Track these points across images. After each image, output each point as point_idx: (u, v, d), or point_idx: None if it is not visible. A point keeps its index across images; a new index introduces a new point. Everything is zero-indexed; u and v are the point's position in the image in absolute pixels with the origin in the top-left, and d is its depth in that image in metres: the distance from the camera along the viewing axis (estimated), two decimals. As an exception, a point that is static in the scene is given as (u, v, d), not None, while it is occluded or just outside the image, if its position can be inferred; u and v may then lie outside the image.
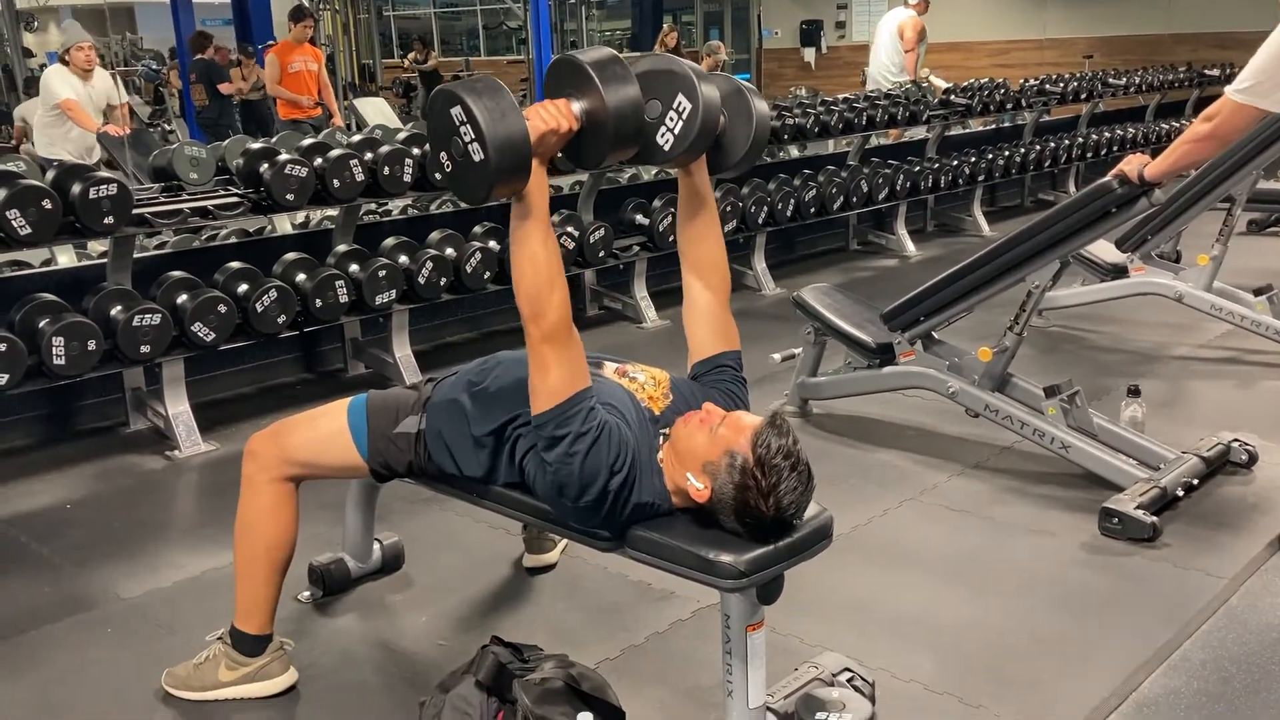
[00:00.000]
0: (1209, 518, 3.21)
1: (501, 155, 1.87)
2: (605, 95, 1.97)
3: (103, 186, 3.73)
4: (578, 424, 1.99)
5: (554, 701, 2.09)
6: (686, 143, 2.15)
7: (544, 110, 1.98)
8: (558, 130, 1.97)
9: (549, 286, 1.98)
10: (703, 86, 2.13)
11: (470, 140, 1.88)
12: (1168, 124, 9.46)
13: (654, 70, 2.17)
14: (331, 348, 4.96)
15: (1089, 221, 3.28)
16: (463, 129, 1.89)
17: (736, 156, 2.30)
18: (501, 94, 1.90)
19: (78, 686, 2.53)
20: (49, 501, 3.62)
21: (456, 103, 1.88)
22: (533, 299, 1.98)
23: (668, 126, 2.15)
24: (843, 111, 6.63)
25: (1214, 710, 2.33)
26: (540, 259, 1.98)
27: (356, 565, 2.95)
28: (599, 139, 2.01)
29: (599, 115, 1.98)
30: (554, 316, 1.98)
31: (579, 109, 2.00)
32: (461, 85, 1.92)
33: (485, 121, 1.85)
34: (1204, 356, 4.79)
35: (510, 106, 1.89)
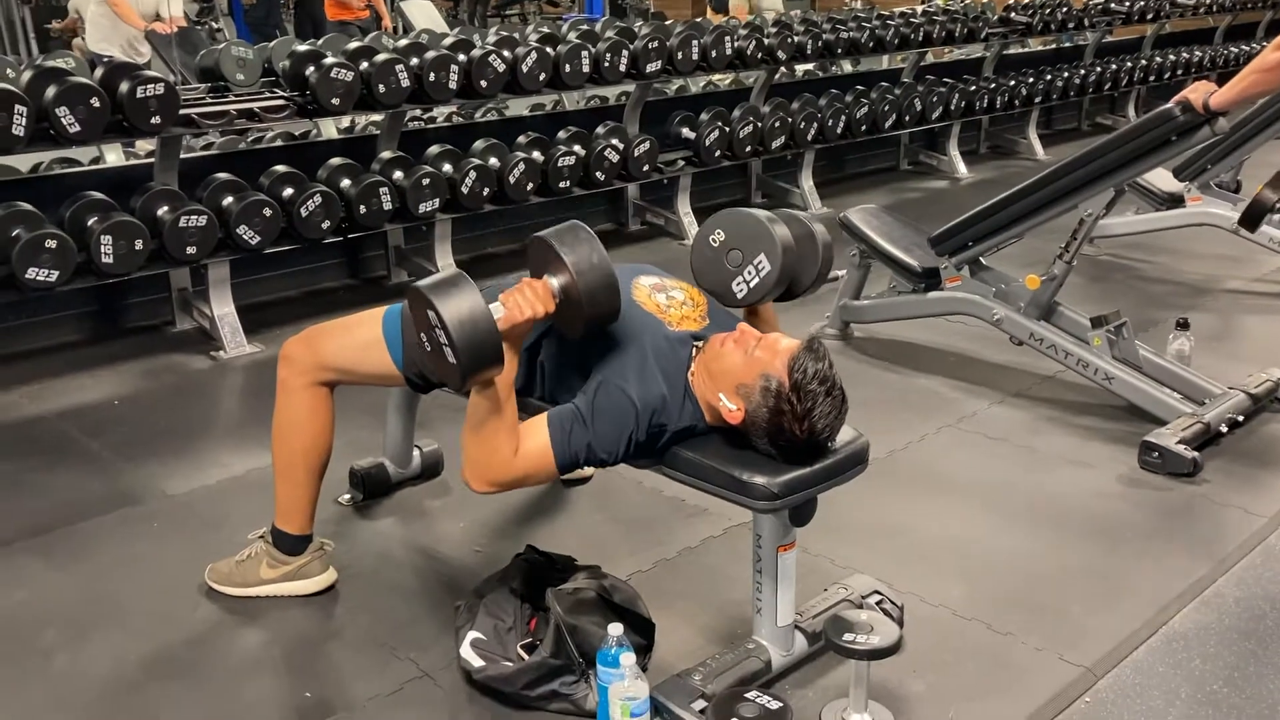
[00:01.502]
0: (1252, 455, 3.17)
1: (471, 360, 1.90)
2: (577, 278, 1.98)
3: (150, 86, 3.73)
4: (581, 454, 2.03)
5: (586, 611, 2.13)
6: (760, 296, 2.29)
7: (523, 299, 1.98)
8: (534, 318, 1.99)
9: (492, 454, 2.01)
10: (784, 247, 2.24)
11: (444, 344, 1.91)
12: (1237, 48, 9.15)
13: (739, 221, 2.30)
14: (375, 254, 4.98)
15: (1148, 149, 3.19)
16: (438, 330, 1.92)
17: (799, 291, 2.41)
18: (471, 296, 1.90)
19: (125, 579, 2.61)
20: (98, 397, 3.69)
21: (430, 306, 1.90)
22: (477, 467, 2.04)
23: (745, 279, 2.28)
24: (899, 26, 6.46)
25: (1244, 647, 2.33)
26: (488, 437, 2.00)
27: (396, 470, 2.99)
28: (575, 314, 2.03)
29: (573, 294, 2.00)
30: (495, 473, 2.03)
31: (557, 287, 2.01)
32: (433, 289, 1.92)
33: (455, 330, 1.87)
34: (1257, 290, 4.69)
35: (480, 312, 1.89)
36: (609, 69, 4.98)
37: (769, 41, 5.71)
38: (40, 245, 3.55)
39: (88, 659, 2.31)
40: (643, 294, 2.20)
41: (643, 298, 2.19)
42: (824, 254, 2.39)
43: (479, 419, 2.00)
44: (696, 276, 2.37)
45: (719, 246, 2.33)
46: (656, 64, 5.15)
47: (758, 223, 2.29)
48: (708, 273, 2.36)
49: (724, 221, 2.35)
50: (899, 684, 2.18)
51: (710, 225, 2.36)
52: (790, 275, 2.31)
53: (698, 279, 2.36)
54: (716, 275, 2.34)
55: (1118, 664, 2.28)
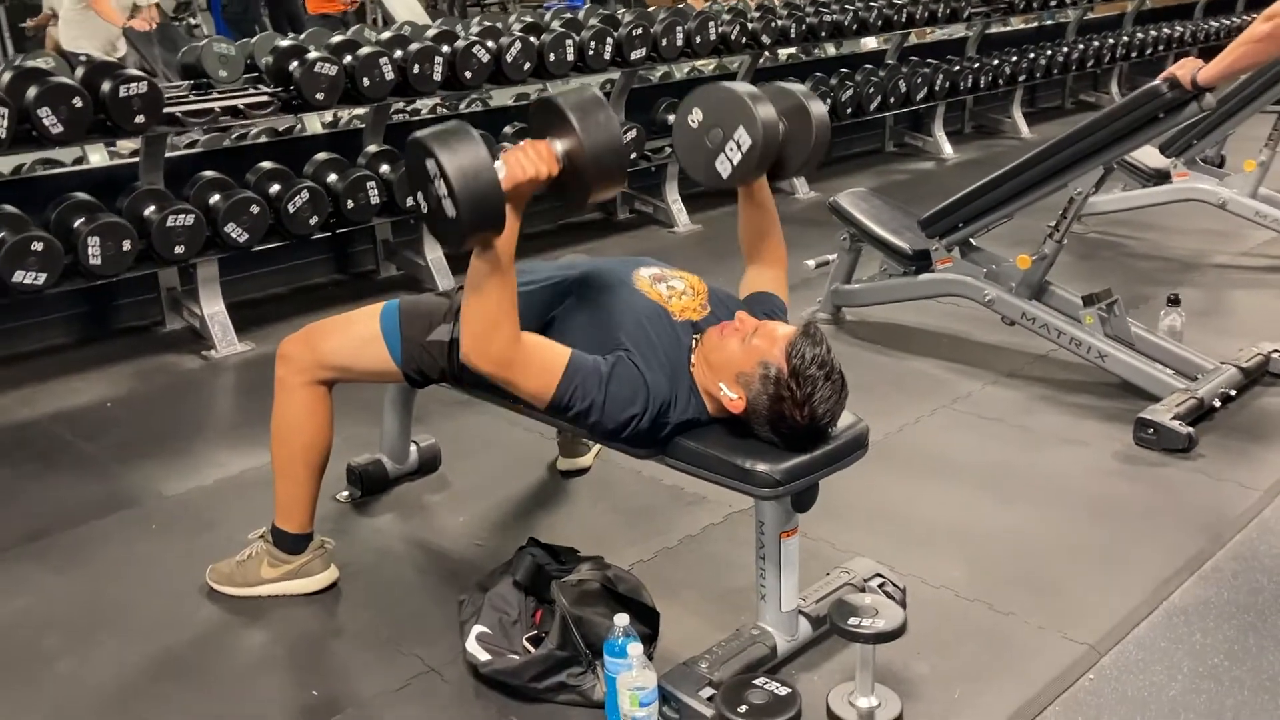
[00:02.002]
0: (1245, 429, 3.19)
1: (473, 214, 1.83)
2: (584, 140, 1.92)
3: (133, 84, 3.70)
4: (580, 401, 2.01)
5: (591, 603, 2.13)
6: (744, 173, 2.22)
7: (524, 157, 1.92)
8: (536, 179, 1.93)
9: (493, 328, 1.97)
10: (764, 120, 2.16)
11: (443, 195, 1.84)
12: (1217, 22, 9.17)
13: (718, 98, 2.22)
14: (363, 249, 4.96)
15: (1136, 127, 3.20)
16: (436, 182, 1.85)
17: (793, 169, 2.35)
18: (475, 147, 1.84)
19: (125, 581, 2.60)
20: (90, 399, 3.67)
21: (430, 156, 1.83)
22: (476, 336, 1.98)
23: (727, 156, 2.21)
24: (882, 8, 6.45)
25: (1244, 620, 2.35)
26: (491, 302, 1.96)
27: (394, 466, 2.99)
28: (580, 183, 1.97)
29: (579, 159, 1.93)
30: (496, 351, 1.98)
31: (560, 151, 1.95)
32: (435, 137, 1.86)
33: (457, 181, 1.81)
34: (1245, 265, 4.71)
35: (484, 164, 1.83)
36: (594, 57, 4.96)
37: (753, 26, 5.70)
38: (26, 248, 3.52)
39: (91, 664, 2.30)
40: (645, 284, 2.20)
41: (645, 287, 2.19)
42: (818, 130, 2.30)
43: (478, 281, 1.96)
44: (680, 161, 2.32)
45: (698, 127, 2.27)
46: (641, 51, 5.14)
47: (734, 97, 2.21)
48: (690, 155, 2.30)
49: (700, 100, 2.27)
50: (904, 666, 2.19)
51: (687, 104, 2.29)
52: (774, 150, 2.24)
53: (681, 163, 2.31)
54: (699, 157, 2.28)
55: (1120, 640, 2.29)
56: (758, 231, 2.44)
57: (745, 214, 2.44)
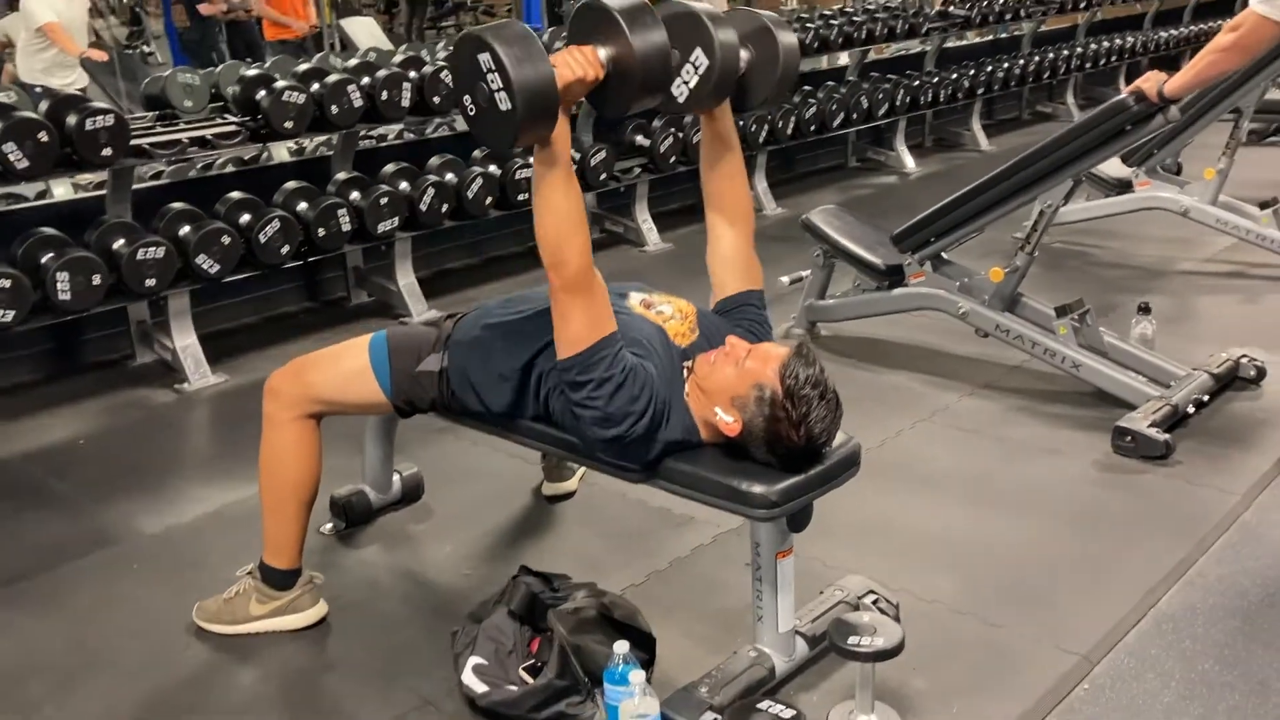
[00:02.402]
0: (1220, 434, 3.24)
1: (529, 105, 1.82)
2: (634, 43, 1.91)
3: (99, 117, 3.66)
4: (601, 370, 1.98)
5: (589, 630, 2.12)
6: (701, 97, 2.14)
7: (571, 58, 1.91)
8: (584, 79, 1.91)
9: (570, 234, 1.95)
10: (722, 40, 2.08)
11: (497, 88, 1.83)
12: (1165, 32, 9.34)
13: (673, 18, 2.11)
14: (334, 276, 4.93)
15: (1105, 139, 3.25)
16: (490, 76, 1.83)
17: (760, 98, 2.27)
18: (530, 42, 1.84)
19: (108, 623, 2.56)
20: (62, 436, 3.61)
21: (485, 49, 1.82)
22: (553, 247, 1.96)
23: (683, 79, 2.13)
24: (842, 25, 6.52)
25: (1231, 624, 2.38)
26: (561, 208, 1.95)
27: (377, 496, 2.96)
28: (625, 88, 1.96)
29: (626, 64, 1.92)
30: (575, 265, 1.96)
31: (605, 56, 1.93)
32: (490, 31, 1.85)
33: (514, 70, 1.80)
34: (1209, 271, 4.79)
35: (539, 54, 1.83)
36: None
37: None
38: (-6, 285, 3.47)
39: (77, 709, 2.26)
40: (639, 309, 2.20)
41: (641, 312, 2.19)
42: (785, 58, 2.20)
43: (547, 184, 1.93)
44: None
45: None
46: (607, 73, 5.14)
47: (692, 16, 2.12)
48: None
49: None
50: (901, 683, 2.20)
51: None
52: (734, 74, 2.16)
53: None
54: None
55: (1111, 649, 2.32)
56: (719, 169, 2.34)
57: (706, 148, 2.35)
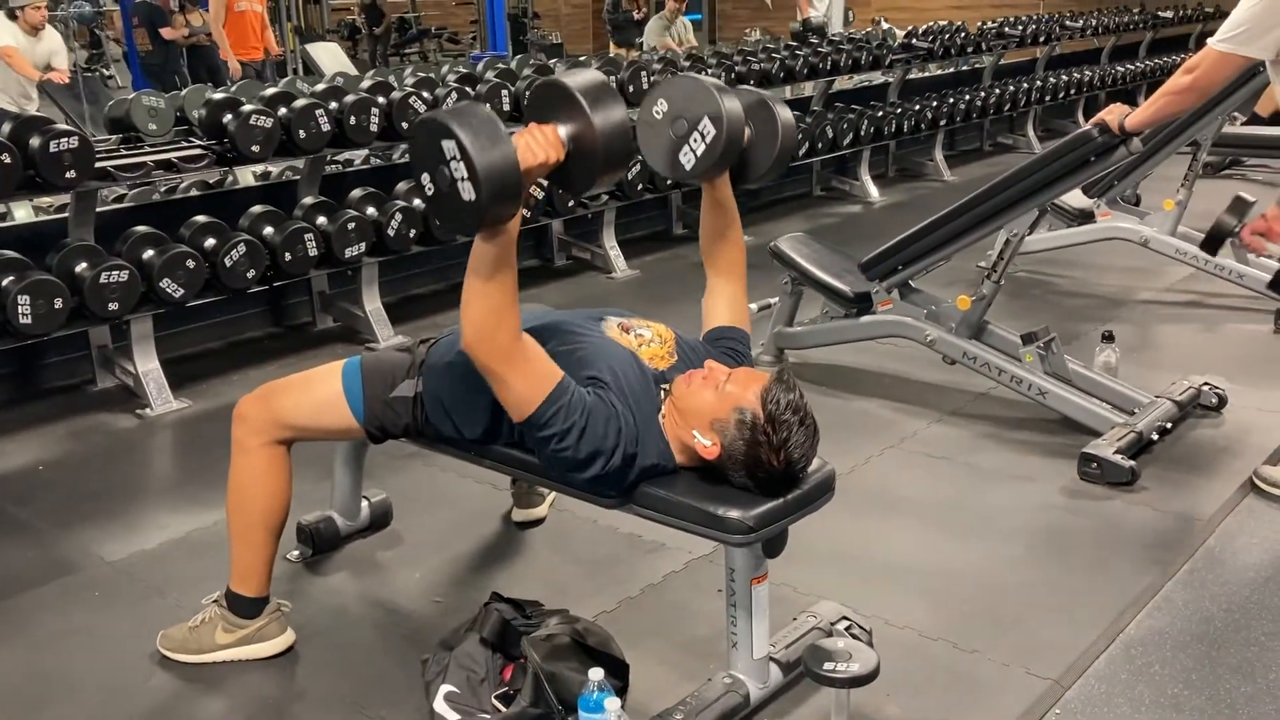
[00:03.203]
0: (1183, 461, 3.28)
1: (494, 196, 1.78)
2: (595, 122, 1.87)
3: (64, 140, 3.63)
4: (560, 422, 1.97)
5: (563, 657, 2.11)
6: (707, 165, 2.18)
7: (533, 141, 1.88)
8: (546, 163, 1.89)
9: (499, 317, 1.93)
10: (729, 111, 2.13)
11: (461, 177, 1.78)
12: (1122, 67, 9.54)
13: (683, 88, 2.17)
14: (299, 301, 4.89)
15: (1069, 170, 3.30)
16: (453, 164, 1.79)
17: (760, 171, 2.32)
18: (495, 128, 1.79)
19: (70, 652, 2.50)
20: (20, 463, 3.55)
21: (449, 135, 1.77)
22: (479, 326, 1.94)
23: (691, 147, 2.16)
24: (807, 56, 6.59)
25: (1199, 650, 2.40)
26: (493, 294, 1.92)
27: (345, 523, 2.93)
28: (588, 167, 1.93)
29: (588, 143, 1.89)
30: (501, 339, 1.94)
31: (566, 135, 1.90)
32: (455, 115, 1.80)
33: (479, 160, 1.75)
34: (1168, 300, 4.88)
35: (504, 142, 1.78)
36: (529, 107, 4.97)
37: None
38: (-47, 309, 3.41)
39: (38, 740, 2.21)
40: (615, 333, 2.20)
41: (615, 335, 2.19)
42: (784, 133, 2.27)
43: (488, 267, 1.89)
44: (643, 154, 2.27)
45: (663, 118, 2.22)
46: (575, 100, 5.15)
47: (700, 86, 2.17)
48: (654, 148, 2.25)
49: (667, 90, 2.23)
50: (875, 709, 2.20)
51: (653, 96, 2.25)
52: (739, 143, 2.20)
53: (644, 157, 2.28)
54: (662, 149, 2.23)
55: (1082, 674, 2.33)
56: (718, 234, 2.40)
57: (707, 215, 2.40)
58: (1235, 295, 4.70)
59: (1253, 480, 3.11)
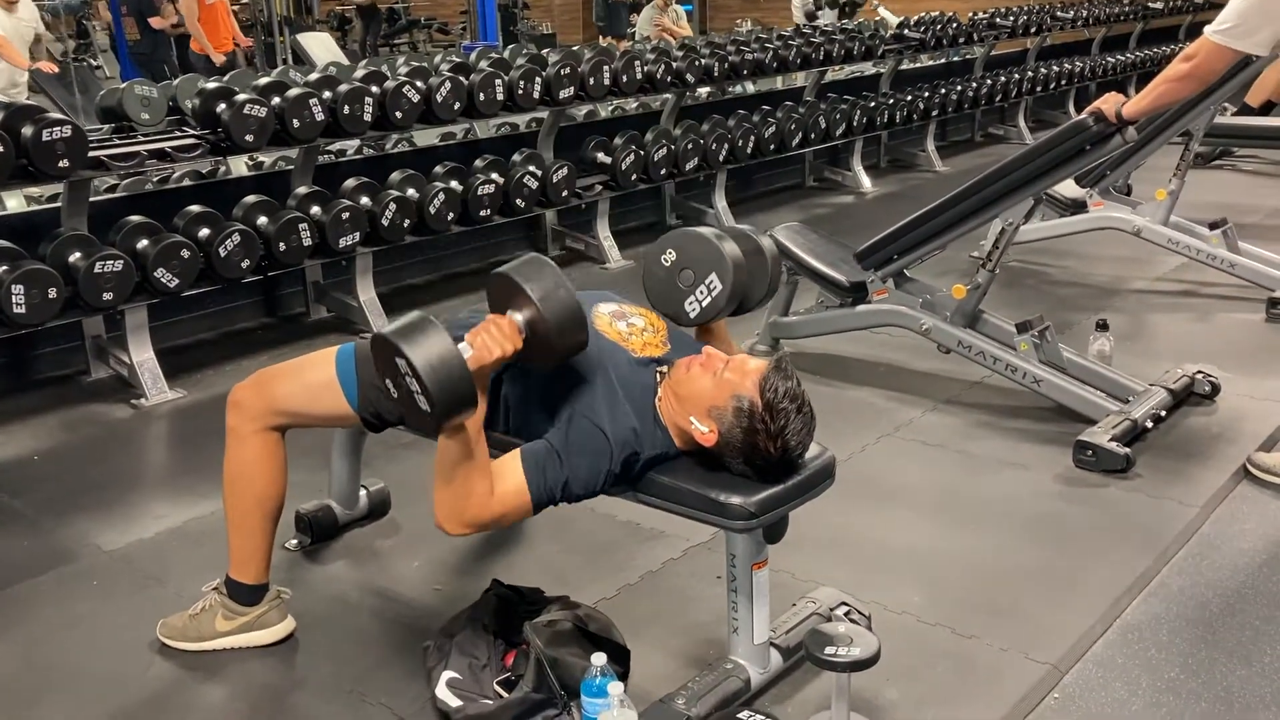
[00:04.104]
0: (1177, 448, 3.30)
1: (446, 406, 1.87)
2: (541, 309, 1.97)
3: (56, 129, 3.61)
4: (556, 490, 2.02)
5: (565, 643, 2.11)
6: (712, 314, 2.32)
7: (489, 338, 1.96)
8: (504, 355, 1.97)
9: (466, 501, 1.98)
10: (733, 267, 2.27)
11: (415, 390, 1.88)
12: (1113, 58, 9.55)
13: (693, 243, 2.32)
14: (292, 291, 4.88)
15: (1065, 158, 3.31)
16: (407, 378, 1.88)
17: (749, 308, 2.45)
18: (440, 339, 1.88)
19: (69, 641, 2.50)
20: (15, 453, 3.54)
21: (399, 354, 1.87)
22: (449, 511, 2.00)
23: (697, 299, 2.32)
24: (800, 46, 6.59)
25: (1195, 634, 2.42)
26: (461, 487, 1.97)
27: (343, 512, 2.93)
28: (545, 347, 2.01)
29: (541, 326, 1.98)
30: (471, 515, 2.00)
31: (522, 321, 2.00)
32: (402, 334, 1.88)
33: (428, 377, 1.84)
34: (1161, 290, 4.89)
35: (451, 355, 1.87)
36: (523, 96, 4.97)
37: (677, 65, 5.77)
38: (-54, 298, 3.40)
39: (39, 729, 2.21)
40: (604, 322, 2.20)
41: (604, 326, 2.19)
42: (773, 269, 2.45)
43: (451, 463, 1.97)
44: (649, 298, 2.39)
45: (670, 266, 2.37)
46: (569, 90, 5.16)
47: (708, 242, 2.33)
48: (661, 293, 2.39)
49: (675, 241, 2.38)
50: (875, 694, 2.21)
51: (661, 245, 2.39)
52: (741, 292, 2.35)
53: (651, 300, 2.38)
54: (669, 295, 2.38)
55: (1080, 659, 2.35)
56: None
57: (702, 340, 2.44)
58: (1227, 284, 4.72)
59: (1246, 467, 3.13)
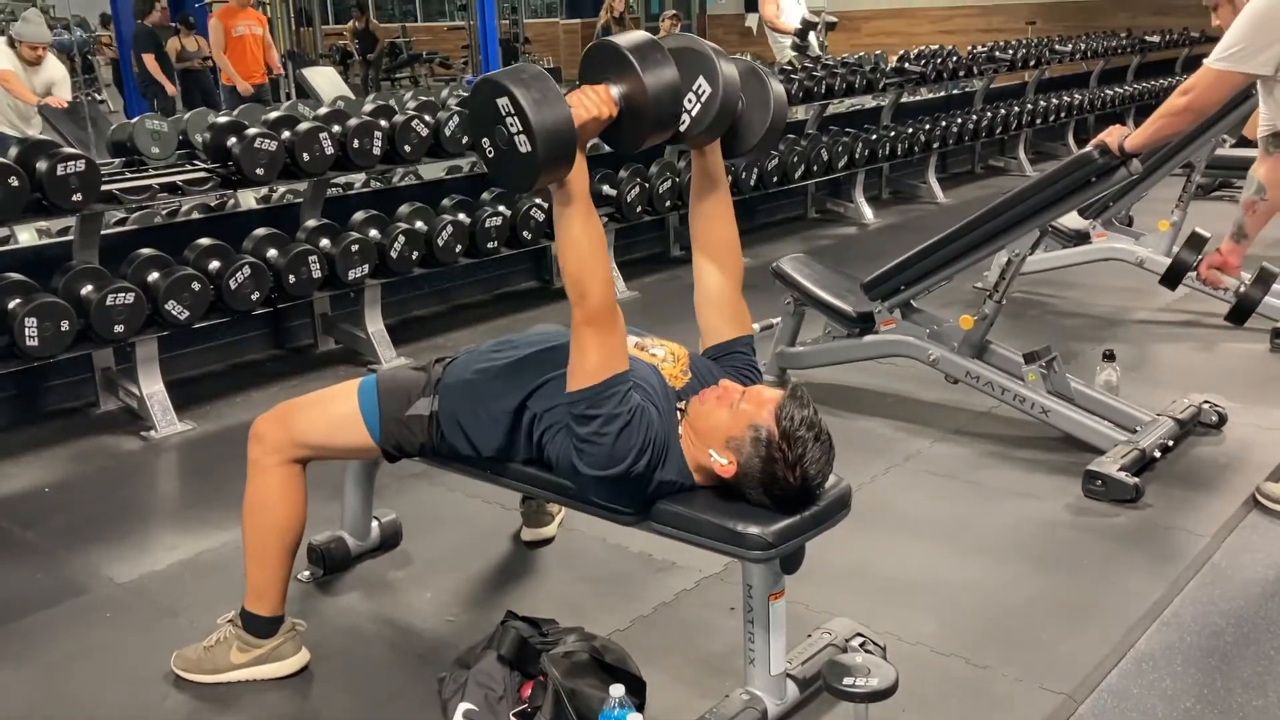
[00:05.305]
0: (1186, 478, 3.31)
1: (548, 147, 1.86)
2: (645, 81, 1.97)
3: (70, 163, 3.65)
4: (611, 406, 2.00)
5: (583, 674, 2.11)
6: (703, 125, 2.17)
7: (585, 98, 1.98)
8: (599, 118, 1.98)
9: (592, 268, 1.99)
10: (724, 69, 2.13)
11: (517, 131, 1.87)
12: (1110, 90, 9.63)
13: (675, 49, 2.16)
14: (300, 323, 4.90)
15: (1071, 190, 3.34)
16: (509, 120, 1.87)
17: (752, 141, 2.30)
18: (547, 83, 1.89)
19: (83, 673, 2.50)
20: (26, 485, 3.54)
21: (503, 93, 1.87)
22: (575, 281, 2.00)
23: (685, 108, 2.15)
24: (802, 80, 6.65)
25: (1209, 664, 2.42)
26: (583, 243, 1.99)
27: (355, 543, 2.93)
28: (637, 125, 2.02)
29: (638, 101, 1.98)
30: (596, 299, 1.99)
31: (618, 94, 2.00)
32: (507, 74, 1.90)
33: (533, 113, 1.84)
34: (1164, 320, 4.92)
35: (556, 96, 1.88)
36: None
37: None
38: (-41, 331, 3.42)
39: (54, 762, 2.21)
40: (633, 350, 2.22)
41: (635, 353, 2.21)
42: (775, 101, 2.26)
43: (568, 221, 1.97)
44: None
45: None
46: (575, 123, 5.19)
47: (696, 46, 2.17)
48: None
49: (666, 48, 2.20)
50: (892, 724, 2.21)
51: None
52: (733, 107, 2.19)
53: None
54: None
55: (1094, 689, 2.34)
56: (708, 208, 2.36)
57: (696, 184, 2.36)
58: (1230, 315, 4.74)
59: (1255, 496, 3.13)
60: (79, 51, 14.01)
